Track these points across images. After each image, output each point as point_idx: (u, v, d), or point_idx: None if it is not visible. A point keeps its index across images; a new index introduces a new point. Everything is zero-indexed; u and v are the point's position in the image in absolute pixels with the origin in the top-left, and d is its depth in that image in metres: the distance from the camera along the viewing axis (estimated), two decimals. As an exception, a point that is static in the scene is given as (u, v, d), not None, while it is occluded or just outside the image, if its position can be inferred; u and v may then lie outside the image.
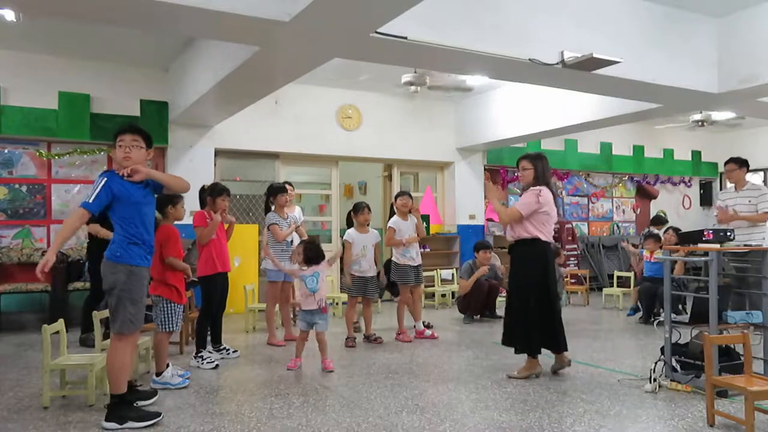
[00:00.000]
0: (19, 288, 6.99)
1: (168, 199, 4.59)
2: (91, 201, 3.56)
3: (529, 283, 4.68)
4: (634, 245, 8.98)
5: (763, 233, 5.93)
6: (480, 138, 9.78)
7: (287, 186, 6.41)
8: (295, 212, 6.69)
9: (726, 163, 6.41)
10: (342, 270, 6.79)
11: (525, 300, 4.66)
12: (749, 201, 6.09)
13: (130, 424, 3.58)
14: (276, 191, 6.20)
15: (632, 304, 7.94)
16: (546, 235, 4.73)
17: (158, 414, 3.73)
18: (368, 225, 6.28)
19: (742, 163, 6.27)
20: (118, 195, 3.62)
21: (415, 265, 6.43)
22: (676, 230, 7.79)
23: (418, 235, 6.45)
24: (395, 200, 6.57)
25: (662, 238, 7.94)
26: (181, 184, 3.95)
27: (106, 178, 3.61)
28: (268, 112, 8.61)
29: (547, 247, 4.75)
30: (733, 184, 6.34)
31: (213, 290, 5.39)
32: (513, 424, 3.63)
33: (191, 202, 5.71)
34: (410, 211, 6.44)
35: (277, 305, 6.46)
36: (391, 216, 6.65)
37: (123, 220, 3.67)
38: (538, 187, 4.72)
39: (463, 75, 7.30)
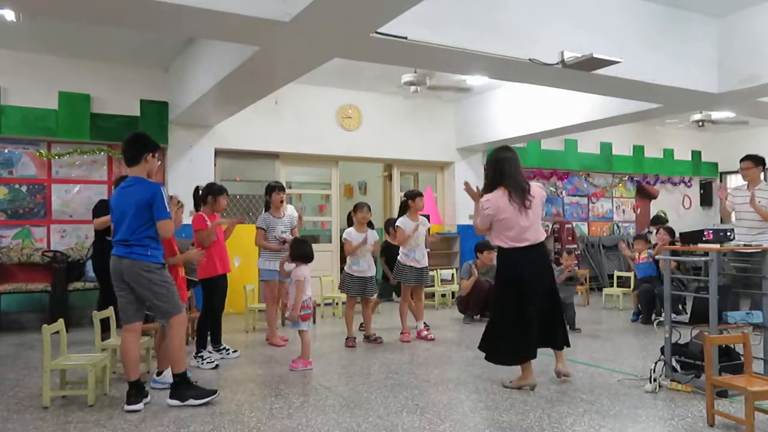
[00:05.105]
0: (19, 288, 6.98)
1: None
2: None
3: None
4: (627, 244, 8.95)
5: None
6: (480, 138, 9.77)
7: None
8: (289, 212, 6.66)
9: (742, 160, 6.36)
10: (341, 269, 6.78)
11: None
12: (759, 201, 6.08)
13: (191, 401, 3.98)
14: (271, 189, 6.28)
15: (634, 308, 7.85)
16: (505, 241, 4.40)
17: (215, 391, 4.11)
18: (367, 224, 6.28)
19: (758, 161, 6.26)
20: None
21: (419, 267, 6.42)
22: (667, 229, 7.81)
23: (426, 243, 6.52)
24: (412, 200, 6.46)
25: (649, 239, 7.97)
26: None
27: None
28: (268, 112, 8.60)
29: (504, 253, 4.47)
30: (746, 182, 6.30)
31: (214, 292, 5.39)
32: (513, 424, 3.63)
33: (190, 201, 5.74)
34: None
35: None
36: (400, 215, 6.61)
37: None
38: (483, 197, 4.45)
39: (463, 75, 7.30)
